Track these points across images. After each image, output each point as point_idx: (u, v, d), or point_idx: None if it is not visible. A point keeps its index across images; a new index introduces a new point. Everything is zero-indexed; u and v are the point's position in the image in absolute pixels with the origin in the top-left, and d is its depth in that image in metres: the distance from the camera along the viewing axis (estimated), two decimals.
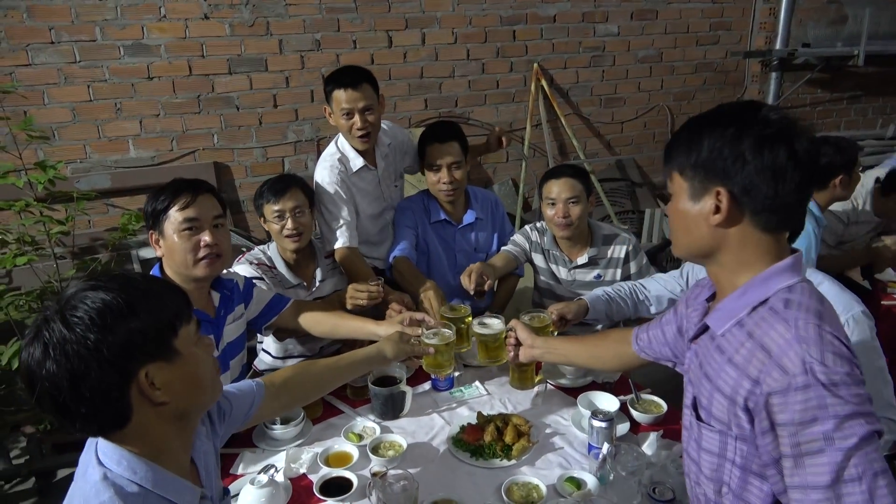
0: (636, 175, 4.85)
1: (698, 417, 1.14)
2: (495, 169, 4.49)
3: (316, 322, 2.06)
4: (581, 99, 4.57)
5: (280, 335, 2.22)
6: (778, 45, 4.71)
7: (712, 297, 1.21)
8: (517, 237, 2.53)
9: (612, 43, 4.51)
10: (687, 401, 1.20)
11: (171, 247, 1.71)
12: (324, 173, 2.39)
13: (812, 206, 2.43)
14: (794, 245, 1.14)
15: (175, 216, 1.70)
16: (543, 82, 4.30)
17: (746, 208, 1.04)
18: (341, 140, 2.46)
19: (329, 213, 2.37)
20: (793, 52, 4.64)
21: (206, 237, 1.71)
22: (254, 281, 2.11)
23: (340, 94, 2.28)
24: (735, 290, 1.08)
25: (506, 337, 1.90)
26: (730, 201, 1.04)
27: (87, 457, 1.03)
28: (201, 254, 1.71)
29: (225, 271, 1.95)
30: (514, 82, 4.32)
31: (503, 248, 2.53)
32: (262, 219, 2.22)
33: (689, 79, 4.83)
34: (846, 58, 4.82)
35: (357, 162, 2.42)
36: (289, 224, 2.14)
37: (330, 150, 2.47)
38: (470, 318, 2.01)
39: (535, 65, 4.29)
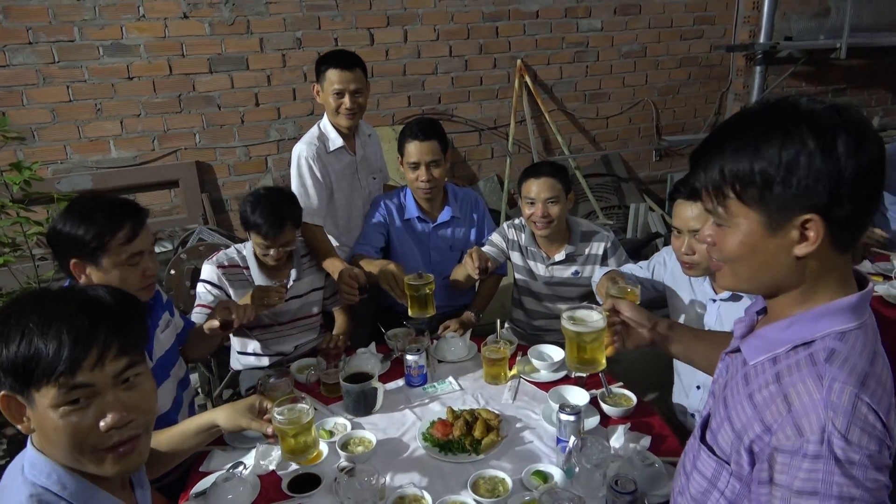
0: (622, 170, 4.86)
1: (703, 437, 1.03)
2: (480, 166, 4.49)
3: (195, 347, 2.01)
4: (565, 94, 4.58)
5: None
6: (762, 39, 4.72)
7: (765, 310, 1.05)
8: (494, 237, 2.53)
9: (595, 38, 4.52)
10: (704, 412, 1.09)
11: (111, 280, 1.61)
12: (301, 147, 2.47)
13: None
14: None
15: (119, 250, 1.60)
16: (527, 78, 4.30)
17: (838, 230, 0.86)
18: (324, 121, 2.54)
19: (300, 187, 2.43)
20: (775, 46, 4.65)
21: (148, 267, 1.67)
22: (206, 287, 2.13)
23: (334, 74, 2.37)
24: (784, 318, 0.93)
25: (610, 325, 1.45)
26: (825, 228, 0.85)
27: (13, 470, 0.99)
28: (144, 283, 1.68)
29: None
30: (497, 79, 4.33)
31: (482, 248, 2.52)
32: (248, 232, 2.19)
33: (673, 73, 4.84)
34: (829, 50, 4.84)
35: (336, 142, 2.50)
36: (273, 254, 2.16)
37: (312, 130, 2.56)
38: (433, 285, 2.10)
39: (519, 61, 4.30)
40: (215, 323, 1.86)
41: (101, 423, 0.95)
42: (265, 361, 2.29)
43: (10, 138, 2.69)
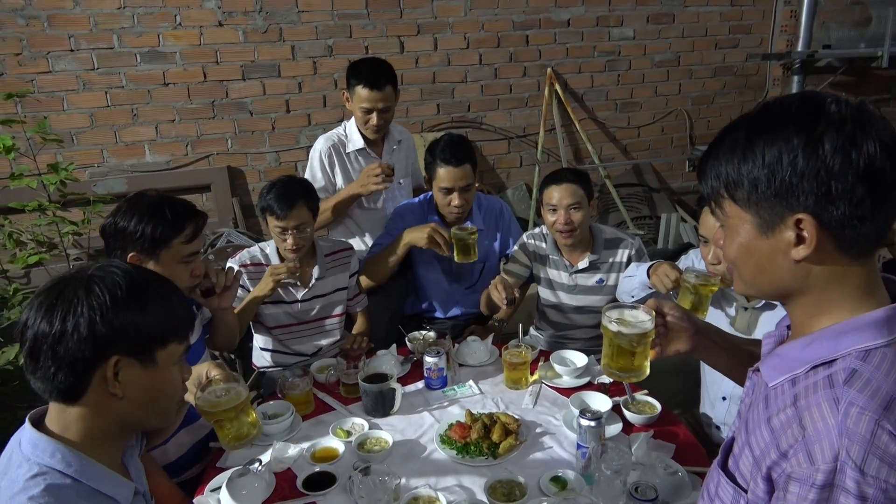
0: (653, 180, 4.78)
1: (725, 462, 0.97)
2: (509, 174, 4.47)
3: (214, 334, 2.03)
4: (596, 103, 4.53)
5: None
6: (799, 48, 4.61)
7: None
8: (517, 253, 2.47)
9: (627, 47, 4.47)
10: (729, 433, 1.04)
11: (168, 276, 1.69)
12: (320, 140, 2.63)
13: None
14: None
15: (180, 248, 1.68)
16: (557, 87, 4.27)
17: (837, 232, 0.81)
18: (350, 123, 2.61)
19: (310, 177, 2.58)
20: (813, 54, 4.54)
21: (197, 267, 1.76)
22: None
23: (363, 92, 2.43)
24: (805, 335, 0.88)
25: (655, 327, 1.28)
26: (817, 229, 0.81)
27: (6, 458, 1.01)
28: (192, 282, 1.76)
29: None
30: (527, 87, 4.31)
31: (508, 266, 2.50)
32: (265, 219, 2.21)
33: (707, 83, 4.76)
34: (870, 59, 4.69)
35: (357, 143, 2.58)
36: (289, 241, 2.14)
37: (338, 127, 2.67)
38: (476, 235, 2.26)
39: (549, 69, 4.27)
40: (197, 291, 1.89)
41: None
42: (288, 361, 2.29)
43: (49, 141, 2.77)
